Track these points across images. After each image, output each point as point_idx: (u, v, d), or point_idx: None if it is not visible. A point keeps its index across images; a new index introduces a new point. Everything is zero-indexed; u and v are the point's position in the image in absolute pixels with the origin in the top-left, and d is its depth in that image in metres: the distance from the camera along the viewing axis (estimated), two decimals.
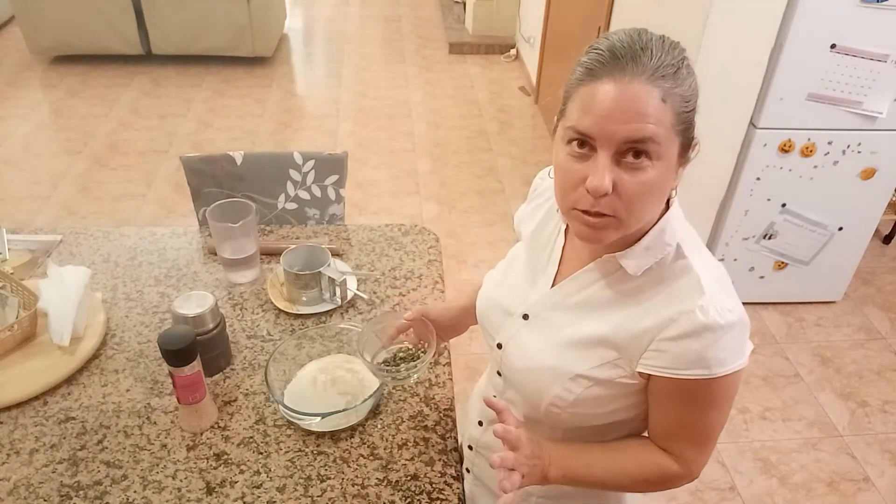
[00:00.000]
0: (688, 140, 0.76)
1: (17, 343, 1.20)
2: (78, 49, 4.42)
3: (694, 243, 0.82)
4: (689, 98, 0.74)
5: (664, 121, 0.72)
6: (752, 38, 2.04)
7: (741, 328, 0.77)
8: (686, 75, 0.74)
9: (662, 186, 0.76)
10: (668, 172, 0.76)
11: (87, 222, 3.04)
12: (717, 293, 0.77)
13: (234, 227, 1.33)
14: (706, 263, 0.80)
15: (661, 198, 0.78)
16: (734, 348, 0.77)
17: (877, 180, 2.37)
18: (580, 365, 0.83)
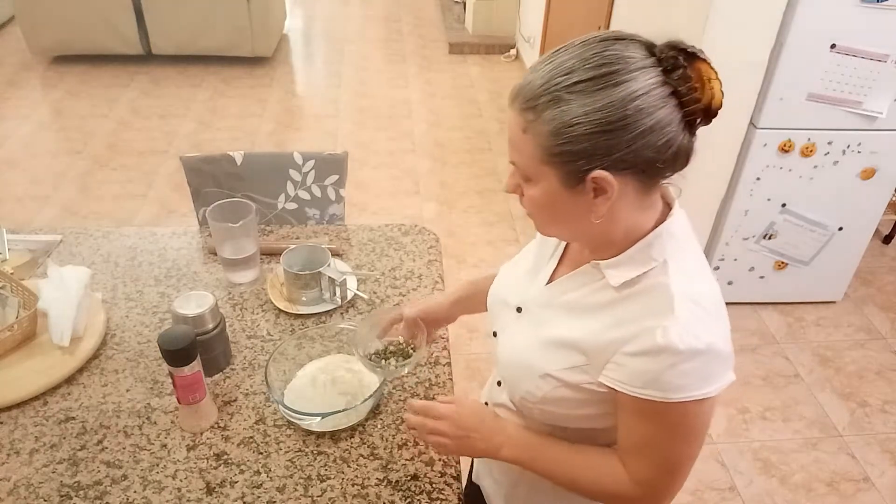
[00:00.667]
0: (577, 171, 0.72)
1: (17, 343, 1.20)
2: (78, 49, 4.42)
3: (690, 264, 0.79)
4: (559, 133, 0.70)
5: (525, 151, 0.74)
6: (752, 38, 2.04)
7: (709, 358, 0.74)
8: (561, 106, 0.69)
9: (554, 208, 0.77)
10: (556, 197, 0.75)
11: (87, 222, 3.04)
12: (688, 318, 0.73)
13: (234, 227, 1.32)
14: (693, 287, 0.76)
15: (563, 219, 0.78)
16: (697, 377, 0.74)
17: (877, 180, 2.37)
18: (550, 365, 0.84)
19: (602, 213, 0.74)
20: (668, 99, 0.70)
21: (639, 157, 0.71)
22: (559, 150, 0.71)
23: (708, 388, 0.74)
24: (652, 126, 0.69)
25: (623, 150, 0.70)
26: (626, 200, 0.75)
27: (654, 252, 0.78)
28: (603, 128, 0.69)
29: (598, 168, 0.71)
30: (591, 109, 0.69)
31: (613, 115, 0.68)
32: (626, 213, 0.76)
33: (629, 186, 0.74)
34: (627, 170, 0.72)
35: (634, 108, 0.68)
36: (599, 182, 0.72)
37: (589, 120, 0.69)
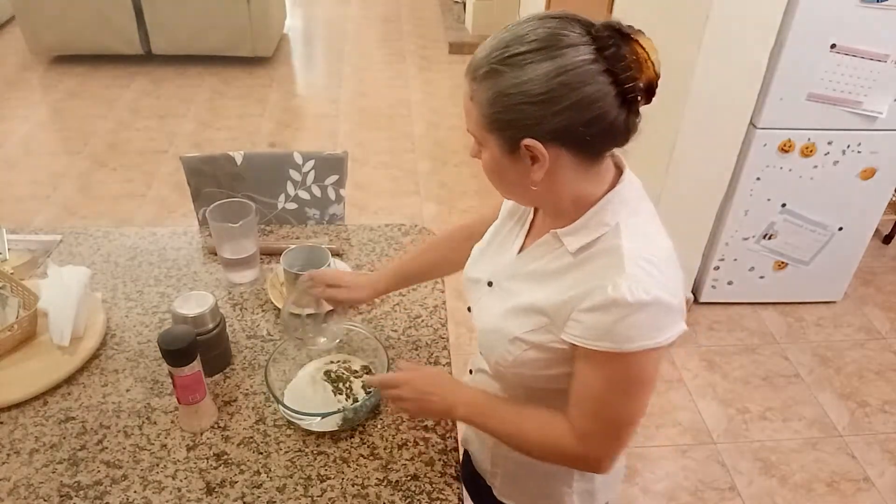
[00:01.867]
0: (511, 138, 0.77)
1: (17, 343, 1.20)
2: (78, 49, 4.42)
3: (642, 226, 0.83)
4: (495, 101, 0.76)
5: (472, 118, 0.80)
6: (752, 38, 2.04)
7: (657, 310, 0.77)
8: (497, 77, 0.75)
9: (503, 174, 0.83)
10: (500, 163, 0.81)
11: (87, 222, 3.04)
12: (637, 274, 0.77)
13: (234, 227, 1.32)
14: (644, 246, 0.80)
15: (509, 184, 0.84)
16: (647, 328, 0.78)
17: (877, 180, 2.37)
18: (518, 329, 0.88)
19: (538, 181, 0.79)
20: (600, 76, 0.73)
21: (567, 130, 0.75)
22: (495, 119, 0.77)
23: (658, 339, 0.78)
24: (579, 101, 0.73)
25: (550, 122, 0.74)
26: (566, 170, 0.80)
27: (606, 217, 0.82)
28: (531, 99, 0.73)
29: (529, 137, 0.76)
30: (521, 81, 0.73)
31: (540, 87, 0.73)
32: (568, 182, 0.81)
33: (565, 157, 0.78)
34: (557, 140, 0.76)
35: (559, 83, 0.72)
36: (532, 150, 0.77)
37: (518, 91, 0.74)
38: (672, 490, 2.00)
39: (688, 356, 2.47)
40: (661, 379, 2.36)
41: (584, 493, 1.04)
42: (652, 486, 2.01)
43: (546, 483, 1.04)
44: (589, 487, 1.04)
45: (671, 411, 2.25)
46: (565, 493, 1.03)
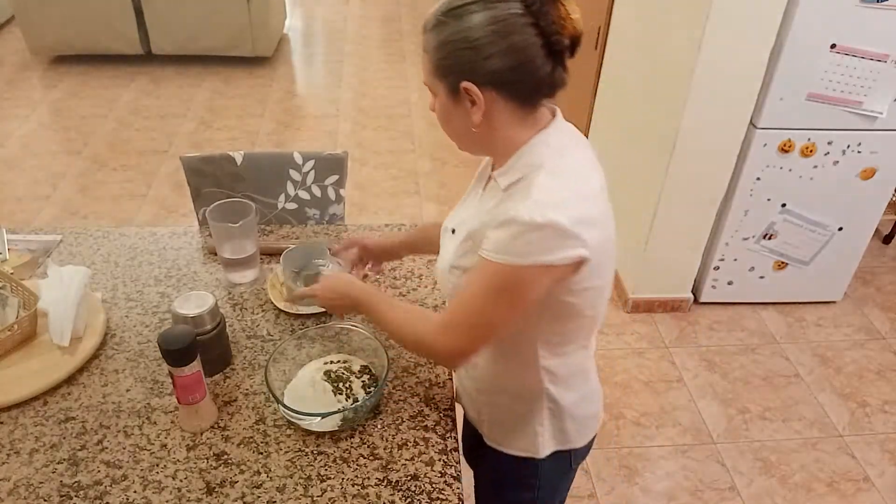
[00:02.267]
0: (453, 82, 0.89)
1: (17, 343, 1.20)
2: (78, 49, 4.42)
3: (563, 168, 0.91)
4: (440, 47, 0.88)
5: (426, 67, 0.92)
6: (752, 38, 2.04)
7: (550, 232, 0.85)
8: (442, 27, 0.87)
9: (450, 118, 0.94)
10: (448, 107, 0.92)
11: (87, 222, 3.04)
12: (538, 199, 0.86)
13: (234, 227, 1.32)
14: (555, 181, 0.89)
15: (456, 127, 0.95)
16: (538, 247, 0.86)
17: (877, 180, 2.37)
18: (455, 258, 1.00)
19: (477, 122, 0.90)
20: (527, 28, 0.84)
21: (497, 74, 0.86)
22: (441, 65, 0.89)
23: (547, 258, 0.86)
24: (506, 48, 0.84)
25: (483, 66, 0.86)
26: (501, 114, 0.90)
27: (531, 159, 0.92)
28: (466, 45, 0.85)
29: (466, 80, 0.87)
30: (460, 29, 0.85)
31: (473, 34, 0.85)
32: (503, 126, 0.92)
33: (500, 102, 0.89)
34: (490, 84, 0.87)
35: (491, 31, 0.84)
36: (469, 92, 0.88)
37: (457, 38, 0.86)
38: (672, 490, 2.01)
39: (688, 356, 2.47)
40: (661, 379, 2.36)
41: (556, 431, 1.10)
42: (652, 486, 2.01)
43: (522, 423, 1.10)
44: (560, 426, 1.10)
45: (671, 411, 2.25)
46: (538, 433, 1.09)
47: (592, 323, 1.02)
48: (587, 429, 1.15)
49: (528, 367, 1.03)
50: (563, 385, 1.06)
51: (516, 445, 1.12)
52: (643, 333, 2.56)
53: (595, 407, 1.15)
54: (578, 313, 0.97)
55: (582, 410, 1.11)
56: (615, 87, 2.79)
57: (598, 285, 0.95)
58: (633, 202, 2.58)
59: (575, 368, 1.07)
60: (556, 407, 1.08)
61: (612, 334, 2.56)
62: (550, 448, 1.11)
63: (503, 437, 1.13)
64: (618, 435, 2.16)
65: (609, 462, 2.08)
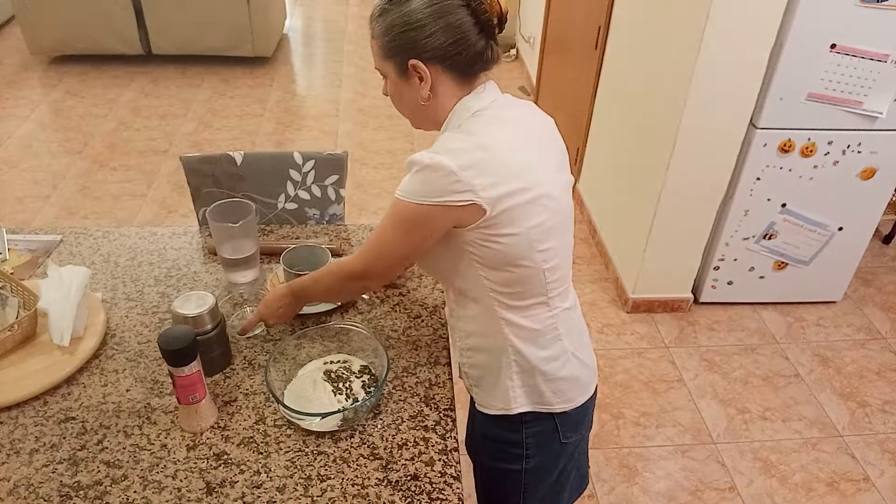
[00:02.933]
0: (402, 62, 1.00)
1: (17, 343, 1.20)
2: (78, 49, 4.42)
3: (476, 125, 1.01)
4: (387, 31, 0.99)
5: (375, 53, 1.04)
6: (752, 38, 2.04)
7: (439, 174, 0.94)
8: (387, 14, 0.99)
9: (402, 96, 1.05)
10: (398, 85, 1.04)
11: (87, 222, 3.04)
12: (435, 146, 0.98)
13: (234, 227, 1.33)
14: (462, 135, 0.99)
15: (407, 103, 1.06)
16: (428, 187, 0.96)
17: (877, 180, 2.37)
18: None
19: (425, 96, 1.02)
20: (461, 9, 0.97)
21: (439, 49, 0.98)
22: (388, 47, 1.01)
23: (437, 199, 0.95)
24: (444, 26, 0.97)
25: (426, 44, 0.97)
26: (445, 87, 1.02)
27: (453, 121, 1.04)
28: (409, 26, 0.97)
29: (413, 58, 0.99)
30: (402, 13, 0.98)
31: (415, 17, 0.97)
32: (447, 97, 1.03)
33: (444, 76, 1.01)
34: (434, 59, 0.99)
35: (430, 12, 0.96)
36: (416, 69, 0.99)
37: (400, 21, 0.98)
38: (672, 490, 2.01)
39: (688, 356, 2.47)
40: (661, 379, 2.36)
41: (526, 388, 1.13)
42: (652, 486, 2.01)
43: (495, 378, 1.14)
44: (531, 383, 1.13)
45: (671, 411, 2.25)
46: (509, 387, 1.13)
47: (536, 276, 1.05)
48: (567, 392, 1.16)
49: (490, 320, 1.09)
50: (529, 341, 1.10)
51: (494, 403, 1.16)
52: (643, 333, 2.57)
53: (573, 371, 1.15)
54: (510, 262, 1.02)
55: (554, 370, 1.12)
56: (615, 87, 2.79)
57: (520, 232, 1.00)
58: (633, 202, 2.58)
59: (541, 325, 1.10)
60: (525, 362, 1.11)
61: (612, 334, 2.56)
62: (524, 405, 1.14)
63: (486, 397, 1.17)
64: (618, 435, 2.16)
65: (609, 462, 2.08)
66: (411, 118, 1.10)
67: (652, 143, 2.38)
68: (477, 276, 1.05)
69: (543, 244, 1.03)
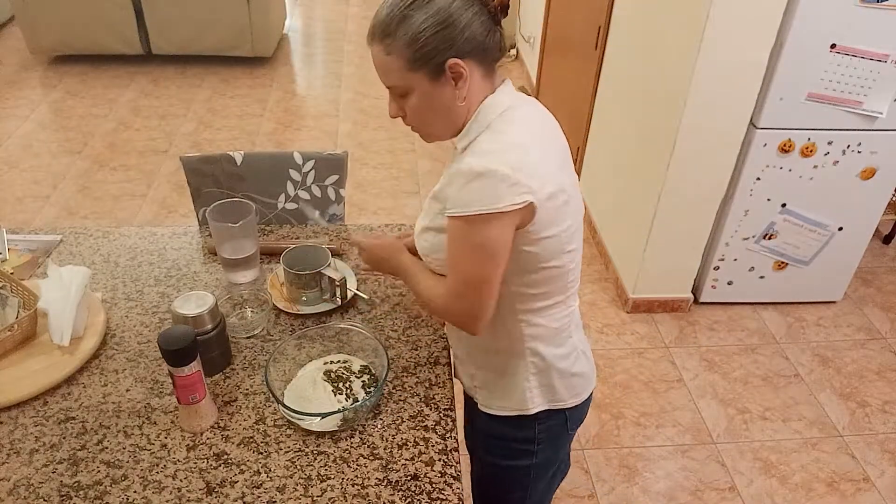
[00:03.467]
0: (437, 66, 0.94)
1: (17, 343, 1.20)
2: (78, 49, 4.42)
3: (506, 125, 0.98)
4: (415, 38, 0.92)
5: (394, 69, 0.95)
6: (752, 38, 2.04)
7: (493, 180, 0.91)
8: (410, 20, 0.92)
9: (432, 105, 0.98)
10: (430, 94, 0.97)
11: (87, 222, 3.04)
12: (481, 152, 0.94)
13: (234, 227, 1.33)
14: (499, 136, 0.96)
15: (440, 111, 0.99)
16: (484, 194, 0.91)
17: (877, 180, 2.37)
18: (425, 221, 1.07)
19: (465, 95, 0.97)
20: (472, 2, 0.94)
21: (472, 42, 0.94)
22: (419, 55, 0.93)
23: (496, 205, 0.91)
24: (471, 18, 0.93)
25: (459, 39, 0.93)
26: (475, 84, 0.98)
27: (482, 118, 1.00)
28: (441, 26, 0.92)
29: (451, 57, 0.93)
30: (428, 16, 0.92)
31: (443, 15, 0.92)
32: (475, 95, 0.99)
33: (475, 70, 0.97)
34: (469, 54, 0.94)
35: (455, 8, 0.92)
36: (455, 68, 0.94)
37: (430, 24, 0.92)
38: (672, 490, 2.01)
39: (688, 356, 2.47)
40: (661, 379, 2.36)
41: (542, 387, 1.13)
42: (652, 486, 2.01)
43: (510, 380, 1.14)
44: (548, 382, 1.13)
45: (671, 411, 2.25)
46: (526, 388, 1.13)
47: (562, 277, 1.06)
48: (577, 388, 1.17)
49: (509, 323, 1.08)
50: (546, 340, 1.10)
51: (508, 405, 1.15)
52: (643, 333, 2.57)
53: (582, 366, 1.17)
54: (541, 265, 1.01)
55: (568, 367, 1.14)
56: (615, 87, 2.79)
57: (555, 234, 0.99)
58: (633, 202, 2.58)
59: (558, 324, 1.11)
60: (542, 362, 1.11)
61: (612, 334, 2.56)
62: (541, 405, 1.14)
63: (495, 398, 1.17)
64: (618, 435, 2.16)
65: (609, 462, 2.08)
66: (438, 128, 1.04)
67: (652, 143, 2.38)
68: (504, 282, 1.02)
69: (570, 245, 1.04)
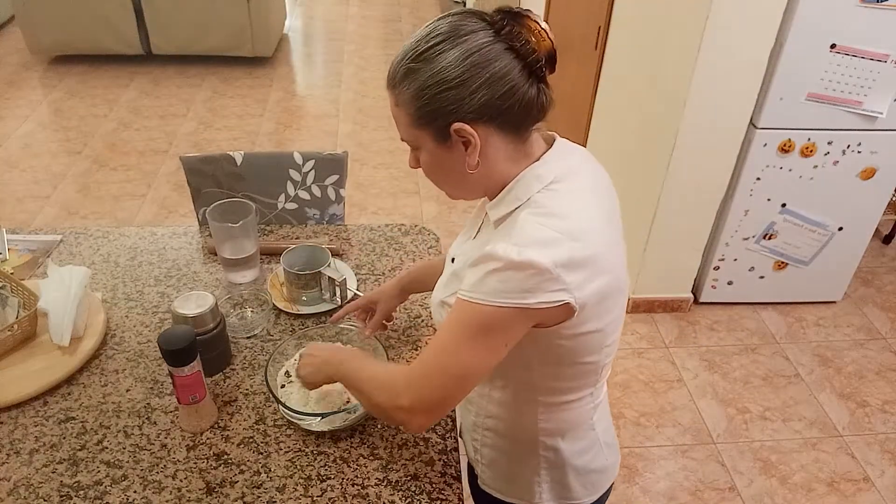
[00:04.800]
0: (441, 127, 0.82)
1: (17, 343, 1.20)
2: (78, 49, 4.42)
3: (555, 203, 0.84)
4: (418, 96, 0.81)
5: (402, 122, 0.86)
6: (752, 38, 2.04)
7: (528, 273, 0.78)
8: (415, 75, 0.81)
9: (443, 166, 0.88)
10: (438, 155, 0.86)
11: (87, 222, 3.04)
12: (519, 236, 0.80)
13: (234, 227, 1.33)
14: (542, 217, 0.82)
15: (451, 174, 0.89)
16: (514, 286, 0.79)
17: (877, 180, 2.37)
18: (443, 293, 0.96)
19: (474, 163, 0.84)
20: (504, 54, 0.79)
21: (487, 106, 0.80)
22: (422, 113, 0.82)
23: (524, 300, 0.79)
24: (490, 77, 0.79)
25: (470, 101, 0.80)
26: (497, 151, 0.85)
27: (519, 192, 0.86)
28: (448, 84, 0.79)
29: (456, 120, 0.81)
30: (435, 71, 0.79)
31: (453, 72, 0.79)
32: (498, 161, 0.86)
33: (495, 137, 0.83)
34: (482, 119, 0.81)
35: (470, 64, 0.78)
36: (461, 133, 0.82)
37: (435, 81, 0.80)
38: (672, 490, 2.01)
39: (688, 356, 2.47)
40: (661, 379, 2.36)
41: (554, 483, 1.02)
42: (652, 486, 2.01)
43: (518, 470, 1.03)
44: (561, 479, 1.02)
45: (671, 411, 2.25)
46: (534, 483, 1.02)
47: (595, 370, 0.93)
48: (596, 484, 1.06)
49: (524, 413, 0.97)
50: (563, 435, 0.99)
51: (512, 493, 1.06)
52: (643, 333, 2.56)
53: (603, 461, 1.05)
54: (577, 360, 0.90)
55: (586, 463, 1.02)
56: (615, 87, 2.79)
57: (596, 329, 0.86)
58: (633, 202, 2.58)
59: (581, 418, 0.99)
60: (556, 457, 1.00)
61: None
62: (549, 500, 1.03)
63: (497, 483, 1.07)
64: (618, 435, 2.16)
65: None
66: (452, 190, 0.93)
67: (652, 143, 2.38)
68: (527, 369, 0.91)
69: (611, 337, 0.91)
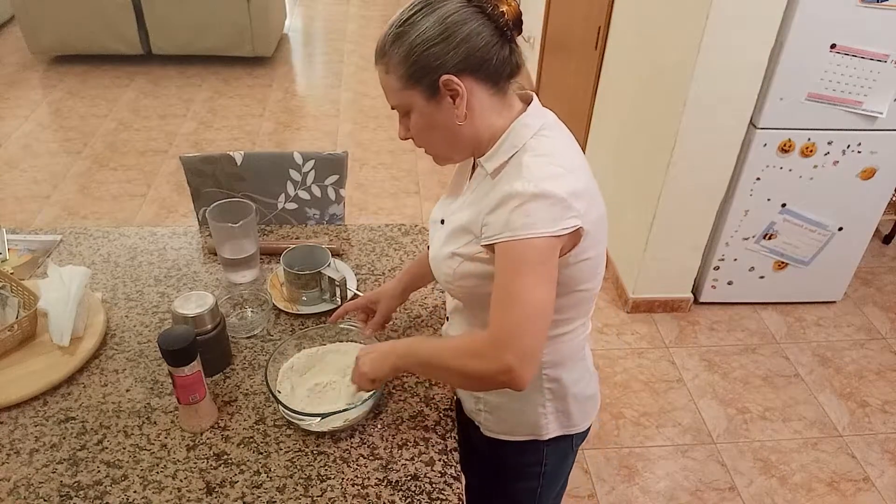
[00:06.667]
0: (431, 84, 0.91)
1: (17, 343, 1.20)
2: (78, 49, 4.42)
3: (548, 145, 0.94)
4: (408, 55, 0.90)
5: (393, 87, 0.94)
6: (752, 38, 2.04)
7: (547, 202, 0.87)
8: (402, 38, 0.90)
9: (433, 123, 0.95)
10: (429, 112, 0.94)
11: (87, 222, 3.04)
12: (531, 172, 0.89)
13: (234, 227, 1.33)
14: (543, 156, 0.92)
15: (441, 130, 0.96)
16: (540, 217, 0.87)
17: (877, 180, 2.37)
18: (452, 246, 1.01)
19: (463, 114, 0.93)
20: (476, 15, 0.90)
21: (469, 58, 0.90)
22: (413, 71, 0.91)
23: (550, 228, 0.87)
24: (468, 34, 0.89)
25: (454, 54, 0.90)
26: (481, 102, 0.94)
27: (514, 141, 0.95)
28: (433, 41, 0.89)
29: (444, 74, 0.90)
30: (420, 31, 0.90)
31: (436, 29, 0.89)
32: (484, 114, 0.95)
33: (476, 89, 0.93)
34: (466, 71, 0.91)
35: (450, 22, 0.89)
36: (449, 84, 0.91)
37: (421, 39, 0.90)
38: (672, 490, 2.01)
39: (688, 356, 2.47)
40: (661, 379, 2.36)
41: (558, 413, 1.11)
42: (652, 486, 2.01)
43: (524, 408, 1.10)
44: (562, 407, 1.11)
45: (671, 411, 2.25)
46: (541, 415, 1.10)
47: (590, 298, 1.04)
48: (589, 411, 1.16)
49: None
50: (563, 365, 1.08)
51: (519, 430, 1.13)
52: (643, 333, 2.57)
53: (594, 387, 1.17)
54: (575, 287, 0.99)
55: (582, 389, 1.12)
56: (615, 87, 2.79)
57: (593, 256, 0.97)
58: (633, 202, 2.58)
59: (576, 347, 1.09)
60: (559, 387, 1.09)
61: (612, 334, 2.56)
62: (555, 430, 1.12)
63: (504, 425, 1.14)
64: (618, 435, 2.16)
65: (609, 462, 2.08)
66: (442, 148, 1.00)
67: (652, 143, 2.38)
68: None
69: (602, 264, 1.01)
